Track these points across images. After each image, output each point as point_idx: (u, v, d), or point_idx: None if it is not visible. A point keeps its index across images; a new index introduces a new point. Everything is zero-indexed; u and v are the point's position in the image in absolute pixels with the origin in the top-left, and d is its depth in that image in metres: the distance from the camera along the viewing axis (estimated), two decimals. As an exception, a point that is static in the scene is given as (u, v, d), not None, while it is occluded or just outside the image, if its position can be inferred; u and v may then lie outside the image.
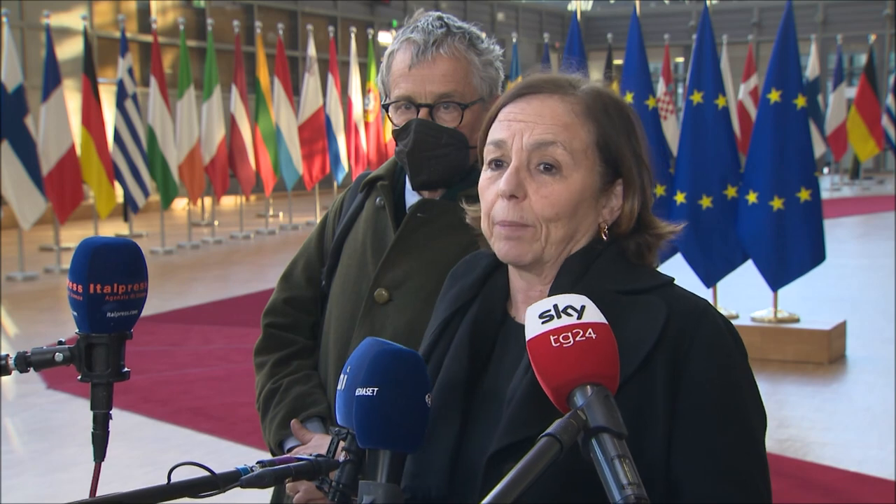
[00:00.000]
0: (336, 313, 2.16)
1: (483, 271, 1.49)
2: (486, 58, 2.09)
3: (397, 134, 2.08)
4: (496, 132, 1.42)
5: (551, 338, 1.12)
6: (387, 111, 2.11)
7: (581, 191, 1.39)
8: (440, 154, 2.04)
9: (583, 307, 1.14)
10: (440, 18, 2.09)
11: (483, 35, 2.12)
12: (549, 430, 1.07)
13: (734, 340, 1.36)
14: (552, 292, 1.38)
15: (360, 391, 1.20)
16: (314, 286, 2.25)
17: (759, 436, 1.35)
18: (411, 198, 2.15)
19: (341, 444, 1.33)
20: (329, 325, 2.18)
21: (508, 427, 1.31)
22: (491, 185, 1.41)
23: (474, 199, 1.47)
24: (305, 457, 1.29)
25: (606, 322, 1.14)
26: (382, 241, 2.12)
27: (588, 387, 1.10)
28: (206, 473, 1.20)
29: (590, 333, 1.12)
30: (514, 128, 1.40)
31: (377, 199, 2.16)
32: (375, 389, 1.19)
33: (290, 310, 2.26)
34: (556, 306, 1.14)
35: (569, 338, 1.11)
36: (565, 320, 1.13)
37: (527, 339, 1.14)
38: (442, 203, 2.09)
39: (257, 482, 1.23)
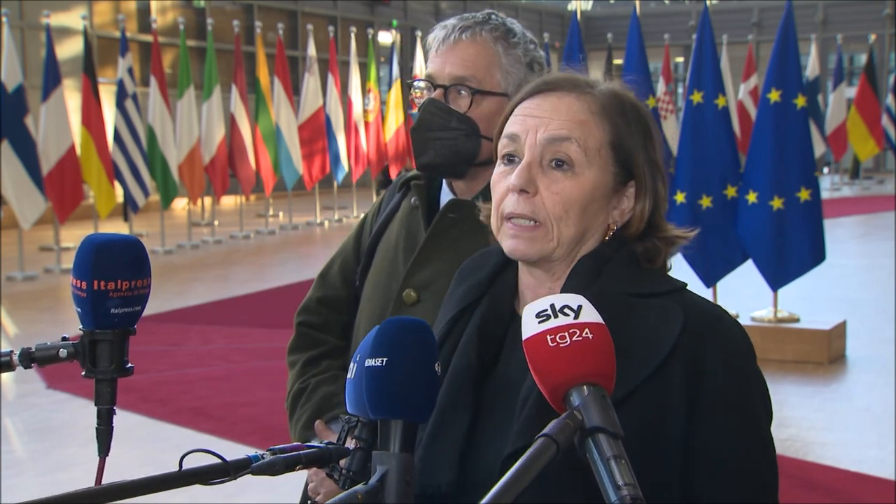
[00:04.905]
0: (367, 313, 2.14)
1: (492, 269, 1.48)
2: (516, 53, 2.03)
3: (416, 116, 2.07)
4: (511, 126, 1.42)
5: (548, 337, 1.11)
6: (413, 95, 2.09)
7: (592, 189, 1.38)
8: (446, 137, 2.00)
9: (579, 307, 1.13)
10: (488, 11, 2.07)
11: (525, 35, 2.07)
12: (546, 430, 1.06)
13: (747, 346, 1.37)
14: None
15: (369, 362, 1.21)
16: (349, 286, 2.24)
17: (771, 439, 1.37)
18: (446, 198, 2.13)
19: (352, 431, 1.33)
20: (360, 326, 2.17)
21: (524, 428, 1.30)
22: (502, 180, 1.41)
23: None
24: (316, 444, 1.29)
25: (603, 322, 1.13)
26: (414, 241, 2.10)
27: (584, 387, 1.09)
28: (217, 461, 1.20)
29: (586, 333, 1.11)
30: (528, 123, 1.40)
31: (412, 199, 2.14)
32: (384, 360, 1.20)
33: (323, 309, 2.24)
34: (552, 306, 1.13)
35: (565, 337, 1.10)
36: (562, 320, 1.12)
37: (523, 338, 1.13)
38: (473, 203, 2.06)
39: (268, 469, 1.24)
